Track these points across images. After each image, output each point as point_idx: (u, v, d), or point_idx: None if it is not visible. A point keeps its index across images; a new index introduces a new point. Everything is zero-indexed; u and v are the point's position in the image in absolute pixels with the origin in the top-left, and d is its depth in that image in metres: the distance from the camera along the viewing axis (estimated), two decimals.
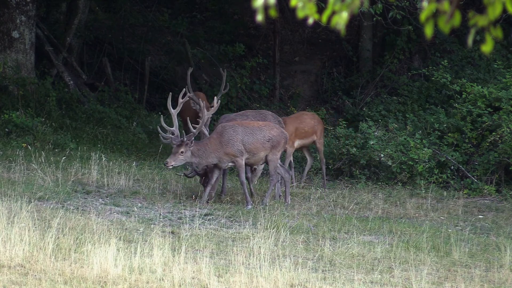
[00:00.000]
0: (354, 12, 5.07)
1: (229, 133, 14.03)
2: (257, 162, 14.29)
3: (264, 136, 14.14)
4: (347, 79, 23.99)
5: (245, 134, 14.10)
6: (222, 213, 13.18)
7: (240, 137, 14.05)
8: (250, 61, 23.82)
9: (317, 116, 17.06)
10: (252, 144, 14.06)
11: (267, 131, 14.20)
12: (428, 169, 16.96)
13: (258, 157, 14.17)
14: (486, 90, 17.67)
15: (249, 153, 14.10)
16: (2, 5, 20.40)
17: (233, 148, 13.98)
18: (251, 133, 14.12)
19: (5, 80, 20.13)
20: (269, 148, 14.14)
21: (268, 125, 14.33)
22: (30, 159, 15.52)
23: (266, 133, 14.17)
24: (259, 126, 14.25)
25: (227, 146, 13.96)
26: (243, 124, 14.27)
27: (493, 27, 4.94)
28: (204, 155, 13.96)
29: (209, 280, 9.01)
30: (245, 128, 14.17)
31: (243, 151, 14.07)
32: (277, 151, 14.21)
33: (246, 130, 14.14)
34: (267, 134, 14.16)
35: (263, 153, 14.17)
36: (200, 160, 13.95)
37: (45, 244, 9.61)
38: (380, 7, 16.34)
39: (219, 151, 13.98)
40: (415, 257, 11.02)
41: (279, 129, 14.33)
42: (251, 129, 14.16)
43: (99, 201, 13.44)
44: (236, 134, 14.04)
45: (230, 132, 14.06)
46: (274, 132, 14.23)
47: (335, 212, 14.01)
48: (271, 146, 14.16)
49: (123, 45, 24.24)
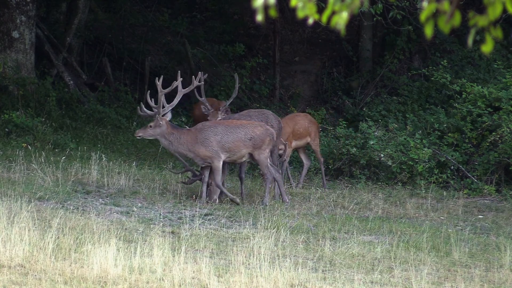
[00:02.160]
0: (354, 12, 5.07)
1: (207, 133, 14.07)
2: (239, 159, 14.25)
3: (245, 134, 14.10)
4: (347, 79, 23.99)
5: (225, 133, 14.09)
6: (222, 213, 13.18)
7: (218, 138, 14.04)
8: (250, 61, 23.82)
9: (310, 116, 16.98)
10: (232, 143, 14.05)
11: (249, 129, 14.14)
12: (428, 169, 16.96)
13: (240, 154, 14.13)
14: (486, 90, 17.67)
15: (229, 152, 14.09)
16: (2, 5, 20.40)
17: (207, 148, 14.01)
18: (231, 132, 14.09)
19: (5, 80, 20.13)
20: (251, 147, 14.08)
21: (252, 124, 14.26)
22: (30, 159, 15.52)
23: (248, 131, 14.13)
24: (241, 125, 14.21)
25: (202, 145, 14.02)
26: (224, 124, 14.28)
27: (493, 27, 4.94)
28: (174, 142, 14.12)
29: (209, 280, 9.01)
30: (226, 127, 14.17)
31: (219, 152, 14.05)
32: (262, 150, 14.12)
33: (226, 129, 14.13)
34: (249, 133, 14.11)
35: (245, 151, 14.12)
36: (169, 145, 14.16)
37: (45, 244, 9.61)
38: (380, 7, 16.34)
39: (191, 147, 14.04)
40: (415, 257, 11.02)
41: (264, 128, 14.22)
42: (231, 128, 14.13)
43: (99, 201, 13.45)
44: (213, 135, 14.05)
45: (208, 132, 14.10)
46: (257, 131, 14.14)
47: (335, 212, 14.01)
48: (253, 144, 14.08)
49: (123, 45, 24.24)
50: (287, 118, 16.43)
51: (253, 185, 15.54)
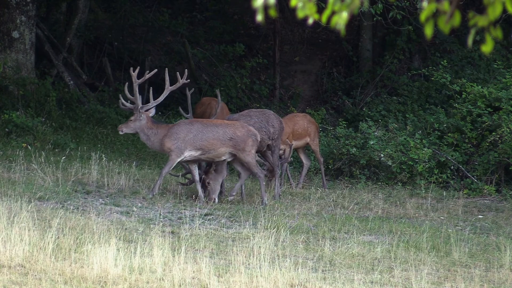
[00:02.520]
0: (354, 12, 5.07)
1: (179, 129, 14.14)
2: (217, 157, 14.24)
3: (225, 133, 14.09)
4: (347, 79, 23.99)
5: (200, 131, 14.11)
6: (222, 213, 13.18)
7: (190, 135, 14.06)
8: (250, 61, 23.82)
9: (309, 116, 16.96)
10: (207, 141, 14.06)
11: (230, 129, 14.13)
12: (428, 169, 16.96)
13: (216, 153, 14.12)
14: (486, 90, 17.67)
15: (201, 149, 14.09)
16: (2, 5, 20.40)
17: (172, 141, 14.07)
18: (207, 131, 14.10)
19: (5, 80, 20.13)
20: (231, 147, 14.06)
21: (233, 125, 14.23)
22: (30, 159, 15.52)
23: (228, 131, 14.11)
24: (221, 124, 14.21)
25: (168, 139, 14.08)
26: (201, 122, 14.31)
27: (493, 27, 4.94)
28: (151, 137, 14.26)
29: (209, 280, 9.01)
30: (202, 125, 14.19)
31: (182, 150, 14.08)
32: (247, 152, 14.07)
33: (203, 128, 14.15)
34: (229, 133, 14.10)
35: (224, 150, 14.11)
36: (147, 139, 14.29)
37: (45, 244, 9.61)
38: (380, 7, 16.35)
39: (162, 141, 14.11)
40: (415, 257, 11.02)
41: (245, 129, 14.16)
42: (209, 126, 14.14)
43: (99, 201, 13.44)
44: (186, 132, 14.08)
45: (182, 128, 14.16)
46: (238, 132, 14.09)
47: (335, 212, 14.01)
48: (234, 145, 14.05)
49: (123, 45, 24.24)
50: (286, 119, 16.40)
51: (253, 185, 15.53)
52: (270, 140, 14.71)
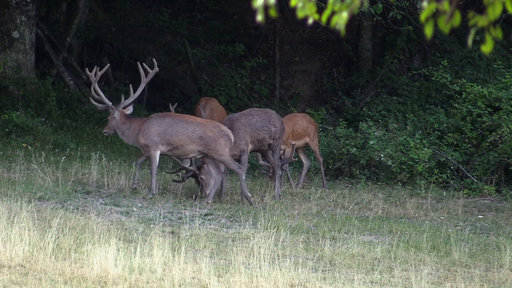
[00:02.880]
0: (354, 12, 5.07)
1: (151, 123, 14.16)
2: (184, 155, 14.26)
3: (194, 131, 14.07)
4: (347, 79, 23.99)
5: (170, 126, 14.12)
6: (222, 213, 13.18)
7: (161, 129, 14.07)
8: (250, 61, 23.82)
9: (308, 117, 16.96)
10: (175, 137, 14.06)
11: (200, 128, 14.10)
12: (428, 169, 16.96)
13: (184, 150, 14.12)
14: (486, 90, 17.67)
15: (170, 145, 14.10)
16: (2, 5, 20.40)
17: (145, 137, 14.12)
18: (177, 126, 14.10)
19: (5, 80, 20.13)
20: (201, 145, 14.04)
21: (206, 123, 14.20)
22: (30, 159, 15.52)
23: (198, 130, 14.08)
24: (193, 121, 14.19)
25: (142, 134, 14.14)
26: (174, 116, 14.31)
27: (493, 27, 4.94)
28: (125, 131, 14.37)
29: (209, 280, 9.01)
30: (174, 120, 14.19)
31: (157, 143, 14.10)
32: (220, 152, 14.03)
33: (173, 123, 14.16)
34: (198, 131, 14.07)
35: (193, 147, 14.10)
36: (122, 135, 14.43)
37: (45, 244, 9.61)
38: (380, 7, 16.35)
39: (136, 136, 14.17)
40: (415, 257, 11.02)
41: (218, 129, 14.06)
42: (180, 122, 14.14)
43: (99, 201, 13.44)
44: (157, 126, 14.10)
45: (153, 122, 14.19)
46: (209, 132, 14.05)
47: (335, 212, 14.01)
48: (205, 144, 14.02)
49: (123, 45, 24.24)
50: (286, 119, 16.39)
51: (253, 185, 15.53)
52: (271, 140, 14.71)
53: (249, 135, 14.56)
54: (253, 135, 14.58)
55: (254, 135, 14.58)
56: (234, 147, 14.41)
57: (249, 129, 14.56)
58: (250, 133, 14.56)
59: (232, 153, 14.41)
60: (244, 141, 14.48)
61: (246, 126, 14.55)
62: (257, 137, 14.60)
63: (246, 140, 14.50)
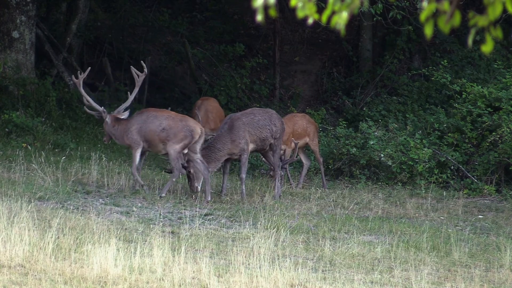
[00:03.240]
0: (354, 12, 5.07)
1: (131, 122, 14.26)
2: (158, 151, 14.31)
3: (160, 125, 14.10)
4: (347, 79, 23.99)
5: (144, 122, 14.17)
6: (222, 213, 13.18)
7: (138, 126, 14.12)
8: (250, 61, 23.82)
9: (308, 117, 16.96)
10: (148, 132, 14.11)
11: (163, 120, 14.11)
12: (428, 169, 16.96)
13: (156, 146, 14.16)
14: (486, 90, 17.67)
15: (147, 141, 14.14)
16: (2, 5, 20.40)
17: (127, 137, 14.19)
18: (150, 122, 14.13)
19: (5, 80, 20.13)
20: (164, 139, 14.08)
21: (176, 117, 14.18)
22: (30, 159, 15.52)
23: (162, 122, 14.10)
24: (162, 115, 14.20)
25: (125, 134, 14.20)
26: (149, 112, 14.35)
27: (493, 27, 4.94)
28: (116, 134, 14.39)
29: (209, 280, 9.01)
30: (148, 115, 14.22)
31: (139, 142, 14.12)
32: (173, 143, 14.03)
33: (148, 118, 14.19)
34: (164, 124, 14.09)
35: (159, 141, 14.16)
36: (115, 138, 14.45)
37: (45, 244, 9.61)
38: (380, 7, 16.34)
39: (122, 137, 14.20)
40: (415, 257, 11.02)
41: (184, 123, 14.08)
42: (150, 117, 14.17)
43: (99, 201, 13.44)
44: (135, 123, 14.17)
45: (133, 120, 14.30)
46: (174, 125, 14.00)
47: (335, 212, 14.00)
48: (166, 136, 14.05)
49: (123, 45, 24.24)
50: (286, 119, 16.39)
51: (253, 185, 15.53)
52: (273, 139, 14.72)
53: (251, 134, 14.56)
54: (255, 133, 14.57)
55: (256, 134, 14.57)
56: (234, 146, 14.41)
57: (250, 128, 14.55)
58: (251, 132, 14.56)
59: (232, 151, 14.41)
60: (244, 140, 14.48)
61: (247, 125, 14.55)
62: (260, 136, 14.59)
63: (246, 139, 14.50)
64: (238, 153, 14.47)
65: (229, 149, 14.40)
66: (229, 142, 14.41)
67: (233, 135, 14.43)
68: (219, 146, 14.41)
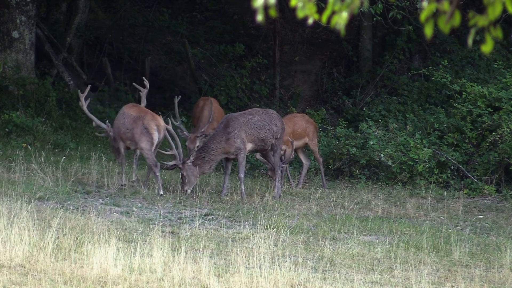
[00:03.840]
0: (354, 12, 5.07)
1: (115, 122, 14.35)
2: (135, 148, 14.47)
3: (124, 123, 14.26)
4: (347, 79, 23.99)
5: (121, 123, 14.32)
6: (222, 213, 13.18)
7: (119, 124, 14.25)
8: (250, 61, 23.82)
9: (307, 117, 16.95)
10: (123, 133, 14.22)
11: (130, 120, 14.22)
12: (428, 169, 16.96)
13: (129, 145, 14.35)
14: (486, 90, 17.66)
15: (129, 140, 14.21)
16: (2, 5, 20.40)
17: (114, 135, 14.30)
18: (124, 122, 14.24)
19: (5, 80, 20.13)
20: (130, 138, 14.22)
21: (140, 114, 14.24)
22: (30, 159, 15.52)
23: (128, 121, 14.22)
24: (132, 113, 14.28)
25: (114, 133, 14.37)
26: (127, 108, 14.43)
27: (493, 27, 4.94)
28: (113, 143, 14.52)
29: (209, 280, 9.01)
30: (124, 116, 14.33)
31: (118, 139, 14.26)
32: (140, 144, 14.15)
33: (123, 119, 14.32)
34: (128, 123, 14.21)
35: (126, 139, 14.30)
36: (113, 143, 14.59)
37: (45, 244, 9.60)
38: (380, 7, 16.34)
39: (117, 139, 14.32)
40: (415, 257, 11.02)
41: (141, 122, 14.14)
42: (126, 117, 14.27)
43: (99, 201, 13.44)
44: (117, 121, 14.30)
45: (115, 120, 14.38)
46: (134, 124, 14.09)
47: (335, 212, 14.00)
48: (132, 135, 14.18)
49: (123, 45, 24.23)
50: (286, 119, 16.38)
51: (253, 185, 15.53)
52: (274, 139, 14.72)
53: (247, 133, 14.54)
54: (253, 133, 14.56)
55: (254, 134, 14.57)
56: (229, 145, 14.42)
57: (247, 127, 14.54)
58: (248, 132, 14.54)
59: (227, 151, 14.42)
60: (239, 140, 14.47)
61: (244, 124, 14.53)
62: (258, 136, 14.59)
63: (242, 139, 14.49)
64: (234, 152, 14.47)
65: (224, 148, 14.41)
66: (223, 141, 14.42)
67: (227, 134, 14.43)
68: (212, 146, 14.42)
